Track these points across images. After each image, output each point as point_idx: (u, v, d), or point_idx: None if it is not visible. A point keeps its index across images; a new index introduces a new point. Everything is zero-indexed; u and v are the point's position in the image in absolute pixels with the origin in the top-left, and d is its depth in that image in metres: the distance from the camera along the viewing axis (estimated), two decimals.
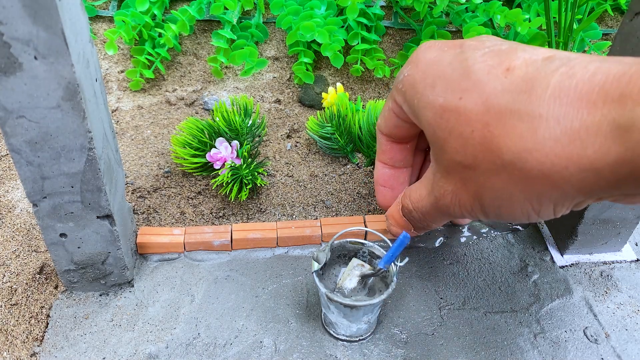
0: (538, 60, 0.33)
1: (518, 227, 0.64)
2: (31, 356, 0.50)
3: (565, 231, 0.60)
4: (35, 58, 0.36)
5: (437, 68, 0.39)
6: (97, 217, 0.48)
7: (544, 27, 0.85)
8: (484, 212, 0.39)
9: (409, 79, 0.41)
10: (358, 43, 0.82)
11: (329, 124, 0.72)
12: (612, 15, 0.97)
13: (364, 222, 0.61)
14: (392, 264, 0.49)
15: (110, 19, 0.89)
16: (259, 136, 0.72)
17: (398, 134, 0.49)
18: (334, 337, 0.52)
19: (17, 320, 0.52)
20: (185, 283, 0.57)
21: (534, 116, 0.32)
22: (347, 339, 0.52)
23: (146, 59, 0.81)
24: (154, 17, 0.84)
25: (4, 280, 0.55)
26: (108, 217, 0.48)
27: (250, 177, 0.64)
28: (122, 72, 0.85)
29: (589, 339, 0.54)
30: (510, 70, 0.34)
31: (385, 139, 0.51)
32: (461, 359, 0.51)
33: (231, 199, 0.65)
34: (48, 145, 0.41)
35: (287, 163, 0.72)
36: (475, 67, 0.36)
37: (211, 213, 0.65)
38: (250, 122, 0.69)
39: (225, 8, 0.83)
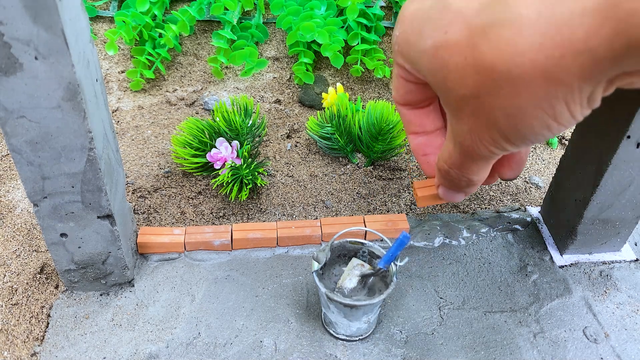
0: None
1: (517, 226, 0.65)
2: (32, 356, 0.50)
3: (565, 231, 0.60)
4: (36, 58, 0.36)
5: (420, 15, 0.40)
6: (98, 217, 0.48)
7: None
8: (505, 138, 0.38)
9: (401, 36, 0.42)
10: (358, 43, 0.83)
11: (329, 124, 0.72)
12: None
13: (364, 222, 0.61)
14: (392, 263, 0.49)
15: (111, 19, 0.89)
16: (259, 136, 0.72)
17: (413, 99, 0.49)
18: (334, 337, 0.52)
19: (17, 320, 0.52)
20: (186, 283, 0.57)
21: (515, 18, 0.31)
22: (347, 338, 0.52)
23: (146, 59, 0.81)
24: (154, 17, 0.84)
25: (5, 280, 0.55)
26: (108, 217, 0.48)
27: (250, 177, 0.64)
28: (122, 72, 0.85)
29: (588, 339, 0.54)
30: None
31: (406, 109, 0.51)
32: (461, 358, 0.51)
33: (231, 199, 0.65)
34: (48, 145, 0.41)
35: (287, 163, 0.72)
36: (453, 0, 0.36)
37: (211, 213, 0.65)
38: (250, 122, 0.69)
39: (226, 8, 0.83)
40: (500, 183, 0.72)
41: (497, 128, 0.38)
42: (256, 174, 0.65)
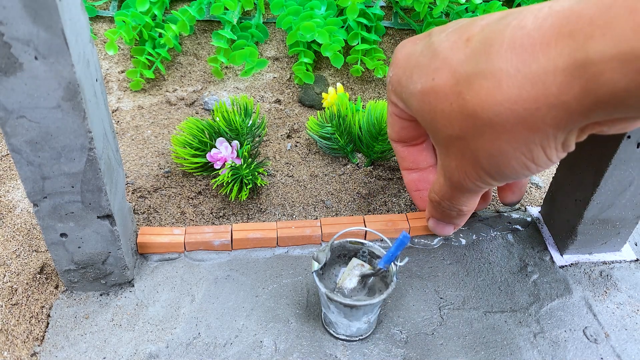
0: (493, 22, 0.35)
1: (517, 226, 0.65)
2: (32, 356, 0.50)
3: (565, 231, 0.60)
4: (36, 58, 0.36)
5: (412, 60, 0.42)
6: (98, 217, 0.48)
7: None
8: (490, 175, 0.41)
9: (394, 77, 0.44)
10: (358, 43, 0.83)
11: (329, 124, 0.72)
12: None
13: (364, 222, 0.61)
14: (392, 263, 0.49)
15: (111, 19, 0.89)
16: (259, 136, 0.72)
17: (407, 135, 0.51)
18: (334, 337, 0.52)
19: (17, 320, 0.52)
20: (186, 283, 0.57)
21: (495, 71, 0.34)
22: (347, 338, 0.52)
23: (146, 59, 0.81)
24: (154, 17, 0.84)
25: (5, 280, 0.55)
26: (108, 217, 0.48)
27: (250, 177, 0.64)
28: (122, 72, 0.85)
29: (588, 339, 0.54)
30: (470, 39, 0.37)
31: (401, 146, 0.53)
32: (461, 358, 0.51)
33: (231, 199, 0.65)
34: (48, 145, 0.41)
35: (287, 163, 0.72)
36: (441, 47, 0.39)
37: (211, 213, 0.65)
38: (250, 122, 0.69)
39: (226, 8, 0.83)
40: None
41: (481, 166, 0.40)
42: (256, 174, 0.65)
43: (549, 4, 0.32)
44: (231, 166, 0.64)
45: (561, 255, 0.62)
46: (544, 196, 0.68)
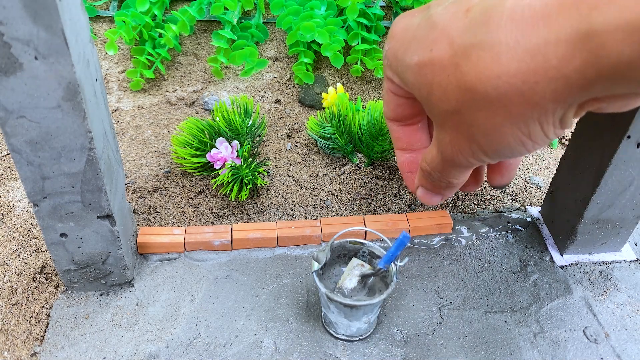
0: None
1: (517, 226, 0.65)
2: (32, 356, 0.50)
3: (565, 231, 0.60)
4: (36, 58, 0.36)
5: (409, 32, 0.42)
6: (98, 217, 0.48)
7: None
8: (483, 152, 0.41)
9: (390, 51, 0.45)
10: (358, 43, 0.83)
11: (329, 124, 0.72)
12: None
13: (364, 222, 0.61)
14: (392, 263, 0.49)
15: (111, 19, 0.89)
16: (259, 136, 0.72)
17: (403, 113, 0.51)
18: (334, 337, 0.52)
19: (17, 320, 0.52)
20: (186, 283, 0.57)
21: (494, 43, 0.33)
22: (347, 338, 0.52)
23: (146, 59, 0.81)
24: (154, 17, 0.84)
25: (5, 280, 0.55)
26: (108, 217, 0.48)
27: (250, 177, 0.64)
28: (122, 72, 0.85)
29: (588, 339, 0.54)
30: (470, 9, 0.36)
31: (396, 125, 0.52)
32: (461, 358, 0.51)
33: (231, 199, 0.65)
34: (48, 145, 0.41)
35: (287, 163, 0.72)
36: (440, 19, 0.38)
37: (211, 213, 0.65)
38: (250, 122, 0.69)
39: (226, 8, 0.83)
40: None
41: (476, 142, 0.40)
42: (256, 174, 0.65)
43: None
44: (231, 166, 0.64)
45: (561, 255, 0.62)
46: (544, 196, 0.68)
